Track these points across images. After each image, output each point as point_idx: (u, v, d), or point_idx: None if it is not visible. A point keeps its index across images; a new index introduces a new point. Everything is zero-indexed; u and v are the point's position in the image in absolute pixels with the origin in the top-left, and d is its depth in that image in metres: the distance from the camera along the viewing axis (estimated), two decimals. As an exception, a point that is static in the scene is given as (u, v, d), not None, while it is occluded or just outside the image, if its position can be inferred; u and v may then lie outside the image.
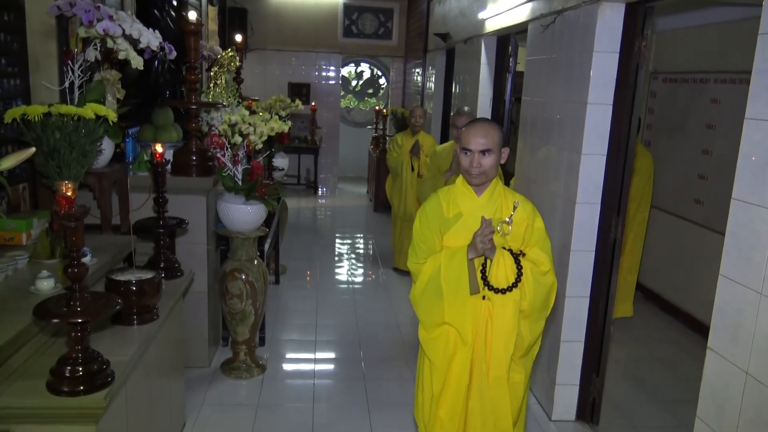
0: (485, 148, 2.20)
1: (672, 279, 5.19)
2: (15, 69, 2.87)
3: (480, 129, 2.23)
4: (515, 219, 2.23)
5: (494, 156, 2.22)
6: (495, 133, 2.24)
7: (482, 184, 2.28)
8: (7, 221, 2.63)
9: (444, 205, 2.34)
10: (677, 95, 5.26)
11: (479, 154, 2.20)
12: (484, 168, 2.22)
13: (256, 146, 3.54)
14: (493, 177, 2.29)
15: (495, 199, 2.30)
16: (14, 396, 1.83)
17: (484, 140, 2.20)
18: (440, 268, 2.27)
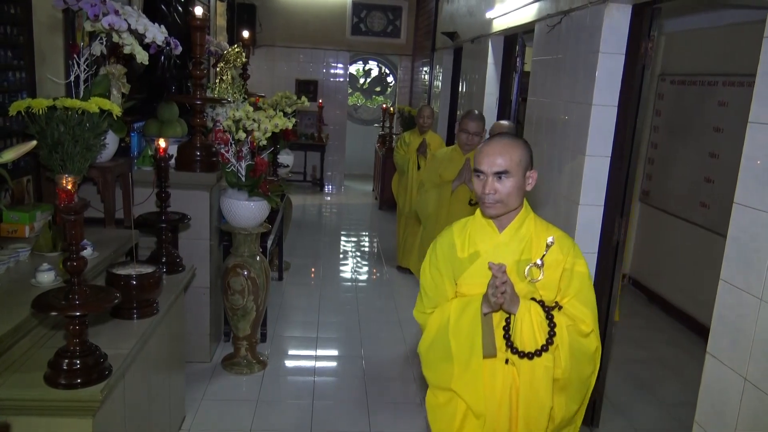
0: (501, 169, 1.75)
1: (677, 282, 5.16)
2: (21, 62, 2.88)
3: (496, 146, 1.78)
4: (548, 261, 1.78)
5: (514, 180, 1.76)
6: (516, 151, 1.77)
7: (501, 215, 1.82)
8: (10, 213, 2.64)
9: (458, 242, 1.91)
10: (685, 97, 5.23)
11: (494, 178, 1.75)
12: (501, 195, 1.76)
13: (259, 142, 3.55)
14: (515, 206, 1.82)
15: (522, 236, 1.84)
16: (12, 388, 1.84)
17: (501, 160, 1.75)
18: (448, 323, 1.85)
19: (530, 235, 1.84)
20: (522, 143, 1.82)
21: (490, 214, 1.81)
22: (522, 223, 1.85)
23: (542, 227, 1.87)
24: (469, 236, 1.90)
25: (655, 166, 5.64)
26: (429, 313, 1.95)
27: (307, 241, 7.01)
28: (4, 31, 2.75)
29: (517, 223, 1.85)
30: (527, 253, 1.82)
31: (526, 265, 1.80)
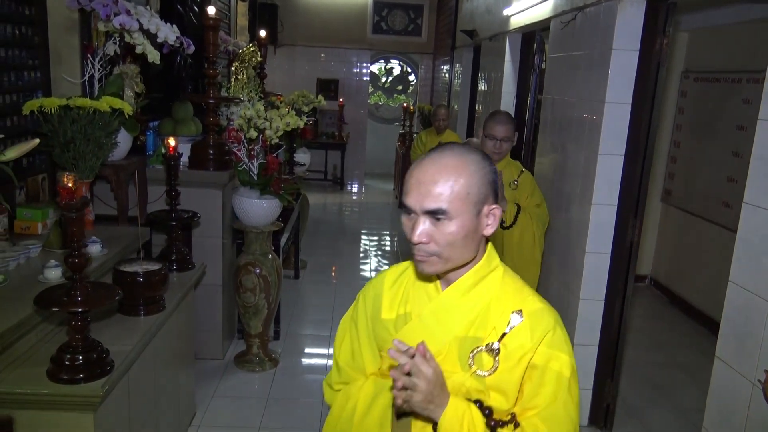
0: (436, 207, 1.17)
1: (698, 283, 5.05)
2: (36, 62, 2.94)
3: (430, 167, 1.19)
4: (511, 347, 1.22)
5: (459, 222, 1.18)
6: (463, 175, 1.18)
7: (446, 271, 1.27)
8: (24, 211, 2.69)
9: (387, 296, 1.39)
10: (708, 95, 5.11)
11: (426, 218, 1.19)
12: (438, 247, 1.20)
13: (271, 141, 3.56)
14: (464, 261, 1.25)
15: (475, 301, 1.27)
16: (16, 382, 1.87)
17: (438, 189, 1.17)
18: (353, 417, 1.36)
19: (488, 301, 1.26)
20: (475, 162, 1.20)
21: (424, 271, 1.24)
22: (478, 280, 1.27)
23: (511, 290, 1.28)
24: (404, 289, 1.37)
25: (677, 165, 5.53)
26: (336, 390, 1.45)
27: (325, 239, 7.02)
28: (20, 32, 2.81)
29: (469, 280, 1.27)
30: (478, 329, 1.25)
31: (472, 348, 1.24)
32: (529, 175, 3.25)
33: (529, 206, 3.15)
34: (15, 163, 2.64)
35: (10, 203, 2.62)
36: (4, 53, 2.69)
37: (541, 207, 3.22)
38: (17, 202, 2.76)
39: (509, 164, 3.22)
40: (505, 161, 3.20)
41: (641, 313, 5.10)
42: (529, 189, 3.19)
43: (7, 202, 2.48)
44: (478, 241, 1.26)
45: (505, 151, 3.14)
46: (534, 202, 3.19)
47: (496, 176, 1.25)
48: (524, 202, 3.15)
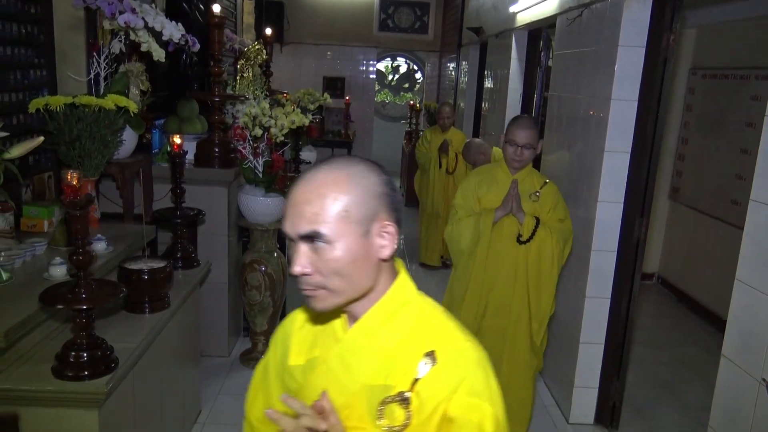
0: (310, 230, 1.02)
1: (706, 282, 5.02)
2: (41, 60, 2.95)
3: (306, 185, 1.05)
4: (424, 396, 1.05)
5: (343, 246, 1.03)
6: (342, 191, 1.03)
7: (342, 305, 1.10)
8: (30, 208, 2.70)
9: (296, 338, 1.22)
10: (716, 92, 5.07)
11: (304, 245, 1.04)
12: (321, 278, 1.04)
13: (276, 139, 3.56)
14: (360, 291, 1.08)
15: (382, 342, 1.09)
16: (21, 379, 1.88)
17: (311, 210, 1.02)
18: None
19: (399, 341, 1.08)
20: (355, 173, 1.04)
21: (315, 308, 1.07)
22: (388, 316, 1.10)
23: (428, 327, 1.10)
24: (314, 330, 1.20)
25: (685, 162, 5.49)
26: None
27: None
28: (26, 30, 2.82)
29: (376, 317, 1.10)
30: (389, 375, 1.07)
31: (382, 398, 1.06)
32: (553, 186, 2.91)
33: (550, 220, 2.84)
34: (21, 161, 2.66)
35: (17, 201, 2.63)
36: (10, 52, 2.70)
37: (565, 222, 2.89)
38: (24, 199, 2.78)
39: (531, 174, 2.92)
40: (527, 170, 2.89)
41: (648, 312, 5.07)
42: (551, 202, 2.86)
43: (14, 199, 2.49)
44: (374, 267, 1.07)
45: (526, 159, 2.83)
46: (557, 216, 2.87)
47: (388, 188, 1.07)
48: (545, 215, 2.84)
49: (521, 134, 2.81)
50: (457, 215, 2.97)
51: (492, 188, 2.92)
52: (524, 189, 2.86)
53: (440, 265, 5.92)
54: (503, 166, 2.93)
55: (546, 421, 3.37)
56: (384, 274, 1.11)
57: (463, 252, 2.92)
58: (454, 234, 2.95)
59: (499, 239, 2.84)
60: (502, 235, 2.84)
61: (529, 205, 2.84)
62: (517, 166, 2.86)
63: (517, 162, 2.84)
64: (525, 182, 2.87)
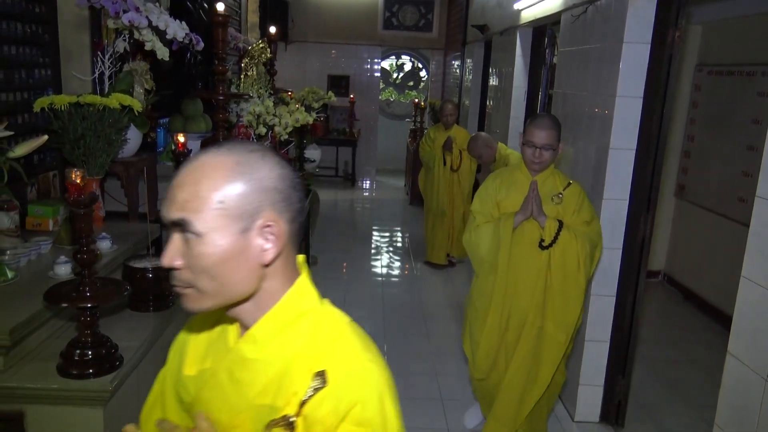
0: (177, 217, 0.93)
1: (713, 279, 5.00)
2: (46, 59, 2.96)
3: (180, 173, 0.95)
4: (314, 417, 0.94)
5: (213, 242, 0.92)
6: (212, 178, 0.92)
7: (219, 309, 1.01)
8: (35, 207, 2.71)
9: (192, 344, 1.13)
10: (723, 88, 5.05)
11: (174, 232, 0.95)
12: (193, 276, 0.94)
13: (281, 137, 3.56)
14: (233, 296, 0.98)
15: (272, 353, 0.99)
16: (27, 377, 1.89)
17: (180, 196, 0.92)
18: None
19: (290, 358, 0.96)
20: (244, 161, 0.93)
21: (187, 308, 0.97)
22: (280, 327, 0.98)
23: (326, 342, 0.99)
24: (210, 337, 1.10)
25: (691, 159, 5.47)
26: None
27: (336, 236, 7.03)
28: (30, 30, 2.82)
29: (266, 327, 0.98)
30: (276, 395, 0.96)
31: (268, 420, 0.96)
32: (577, 187, 2.76)
33: (575, 223, 2.69)
34: (26, 161, 2.67)
35: (22, 200, 2.64)
36: (14, 51, 2.71)
37: (592, 225, 2.74)
38: (29, 198, 2.78)
39: (553, 175, 2.77)
40: (549, 171, 2.76)
41: (654, 309, 5.06)
42: (575, 203, 2.71)
43: (19, 198, 2.50)
44: (254, 271, 0.94)
45: (546, 161, 2.69)
46: (582, 219, 2.72)
47: (283, 183, 0.94)
48: (569, 218, 2.69)
49: (540, 135, 2.64)
50: (475, 222, 2.84)
51: (511, 192, 2.78)
52: (546, 191, 2.71)
53: (446, 264, 5.91)
54: (523, 168, 2.78)
55: (551, 419, 3.36)
56: (275, 279, 0.98)
57: (483, 260, 2.79)
58: (473, 241, 2.81)
59: (520, 245, 2.70)
60: (524, 240, 2.69)
61: (551, 208, 2.69)
62: (537, 168, 2.72)
63: (537, 164, 2.70)
64: (546, 184, 2.73)
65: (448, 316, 4.76)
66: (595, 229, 2.75)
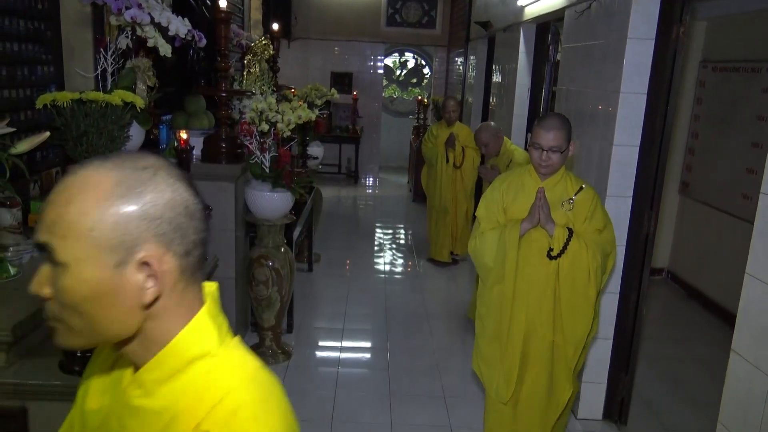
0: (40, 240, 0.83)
1: (717, 277, 4.98)
2: (49, 56, 2.96)
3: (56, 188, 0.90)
4: None
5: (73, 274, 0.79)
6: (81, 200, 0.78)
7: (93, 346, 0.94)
8: (38, 204, 2.71)
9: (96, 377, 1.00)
10: (727, 85, 5.02)
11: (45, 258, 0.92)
12: (57, 308, 0.84)
13: (283, 134, 3.56)
14: (105, 336, 0.85)
15: (159, 404, 0.85)
16: (29, 374, 1.89)
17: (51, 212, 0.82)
18: None
19: (176, 412, 0.83)
20: (128, 180, 0.79)
21: (58, 343, 0.86)
22: (167, 375, 0.84)
23: (210, 397, 0.82)
24: (113, 368, 0.97)
25: (695, 156, 5.45)
26: None
27: (339, 233, 7.02)
28: (33, 26, 2.82)
29: (153, 373, 0.85)
30: None
31: None
32: (590, 192, 2.57)
33: (586, 231, 2.52)
34: (29, 157, 2.67)
35: (24, 197, 2.64)
36: (17, 48, 2.71)
37: (605, 233, 2.55)
38: (31, 195, 2.79)
39: (564, 178, 2.59)
40: (560, 174, 2.58)
41: (658, 307, 5.04)
42: (587, 210, 2.54)
43: (21, 195, 2.50)
44: (132, 312, 0.80)
45: (555, 164, 2.50)
46: (594, 226, 2.54)
47: (173, 210, 0.81)
48: (580, 226, 2.52)
49: (546, 136, 2.45)
50: (479, 228, 2.67)
51: (519, 197, 2.59)
52: (556, 196, 2.53)
53: (450, 261, 5.91)
54: (531, 171, 2.60)
55: (554, 416, 3.36)
56: (162, 318, 0.83)
57: (489, 269, 2.60)
58: (478, 249, 2.63)
59: (527, 255, 2.52)
60: (531, 249, 2.52)
61: (561, 215, 2.51)
62: (546, 171, 2.54)
63: (545, 167, 2.51)
64: (557, 188, 2.55)
65: (451, 313, 4.76)
66: (607, 237, 2.56)
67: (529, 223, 2.48)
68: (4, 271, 2.12)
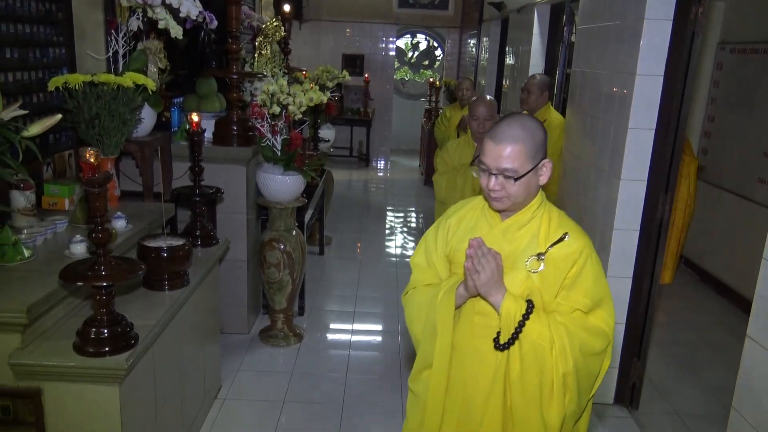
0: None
1: (731, 261, 4.93)
2: (60, 38, 2.95)
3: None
4: None
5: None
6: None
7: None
8: (51, 187, 2.72)
9: None
10: (745, 67, 4.93)
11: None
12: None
13: (295, 117, 3.54)
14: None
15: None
16: (44, 355, 1.91)
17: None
18: None
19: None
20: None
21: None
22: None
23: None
24: None
25: (711, 140, 5.37)
26: None
27: (351, 216, 7.02)
28: (44, 8, 2.81)
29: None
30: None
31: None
32: (580, 243, 1.62)
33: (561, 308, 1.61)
34: (42, 140, 2.68)
35: (38, 179, 2.65)
36: (29, 30, 2.70)
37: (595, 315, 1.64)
38: (45, 178, 2.80)
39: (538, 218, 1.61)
40: (530, 211, 1.62)
41: (671, 292, 5.01)
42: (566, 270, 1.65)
43: (35, 178, 2.51)
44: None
45: (513, 196, 1.55)
46: (574, 301, 1.56)
47: None
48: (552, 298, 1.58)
49: (495, 152, 1.60)
50: (411, 281, 1.87)
51: (467, 240, 1.62)
52: (518, 246, 1.67)
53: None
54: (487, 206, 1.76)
55: (565, 400, 3.36)
56: None
57: (418, 341, 1.79)
58: (406, 311, 1.85)
59: (469, 337, 1.70)
60: (473, 329, 1.69)
61: (521, 279, 1.63)
62: (499, 207, 1.68)
63: (496, 202, 1.66)
64: (521, 234, 1.68)
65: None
66: (597, 325, 1.65)
67: (466, 290, 1.64)
68: (18, 253, 2.14)
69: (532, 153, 1.60)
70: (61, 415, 1.94)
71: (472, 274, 1.56)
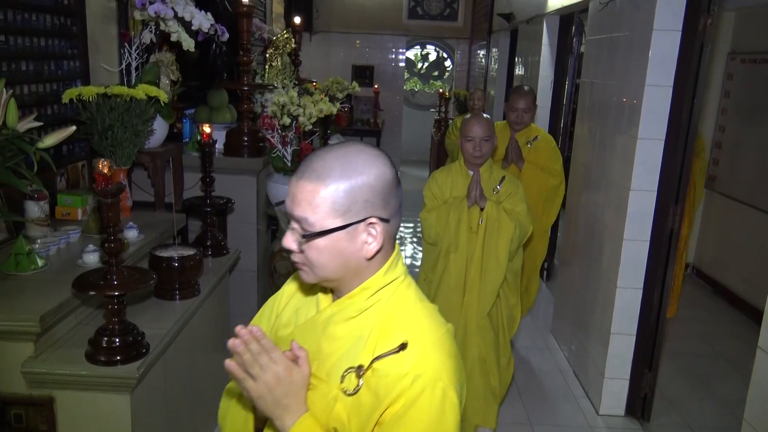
0: None
1: (744, 273, 4.90)
2: (74, 51, 3.00)
3: None
4: None
5: None
6: None
7: None
8: (64, 197, 2.76)
9: None
10: (756, 77, 4.92)
11: None
12: None
13: (305, 128, 3.57)
14: None
15: None
16: (56, 363, 1.93)
17: None
18: None
19: None
20: None
21: None
22: None
23: None
24: None
25: (722, 150, 5.35)
26: None
27: (360, 226, 7.01)
28: (59, 22, 2.86)
29: None
30: None
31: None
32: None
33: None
34: (56, 151, 2.72)
35: (52, 190, 2.69)
36: (44, 43, 2.75)
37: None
38: (58, 188, 2.83)
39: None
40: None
41: (682, 303, 4.97)
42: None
43: (48, 188, 2.54)
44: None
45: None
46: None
47: None
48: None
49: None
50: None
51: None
52: (340, 346, 2.09)
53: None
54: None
55: (575, 412, 3.34)
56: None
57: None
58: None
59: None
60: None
61: (330, 399, 2.20)
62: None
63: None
64: (349, 330, 2.16)
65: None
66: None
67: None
68: (32, 263, 2.16)
69: (344, 203, 1.06)
70: (73, 424, 1.95)
71: (243, 381, 1.06)
